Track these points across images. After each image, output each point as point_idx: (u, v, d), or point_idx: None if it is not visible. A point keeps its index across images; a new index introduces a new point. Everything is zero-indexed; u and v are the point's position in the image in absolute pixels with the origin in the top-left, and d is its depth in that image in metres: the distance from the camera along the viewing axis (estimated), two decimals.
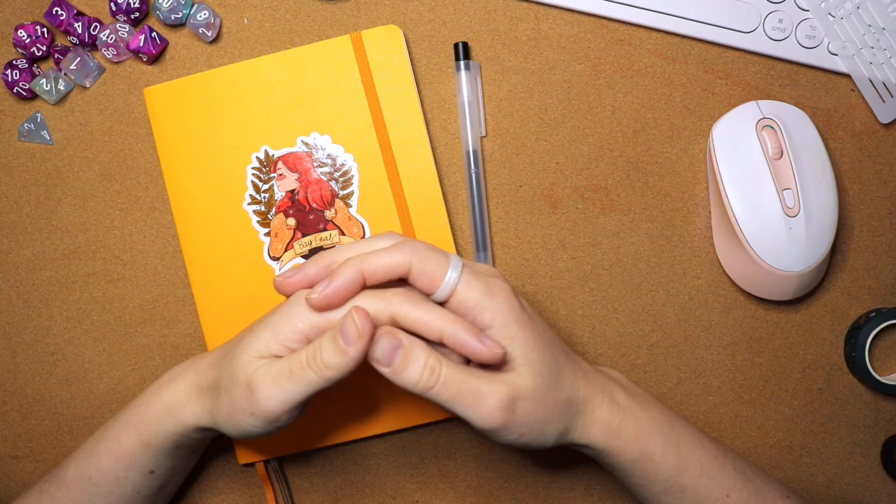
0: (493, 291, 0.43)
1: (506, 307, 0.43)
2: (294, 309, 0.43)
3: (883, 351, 0.57)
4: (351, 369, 0.41)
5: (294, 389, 0.42)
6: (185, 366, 0.48)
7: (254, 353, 0.43)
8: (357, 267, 0.42)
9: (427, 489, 0.57)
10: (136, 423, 0.48)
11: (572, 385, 0.45)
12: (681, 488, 0.47)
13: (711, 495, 0.47)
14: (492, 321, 0.43)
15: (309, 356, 0.42)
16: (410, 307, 0.42)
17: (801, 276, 0.52)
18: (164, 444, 0.47)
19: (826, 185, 0.52)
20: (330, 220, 0.54)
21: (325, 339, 0.41)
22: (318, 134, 0.54)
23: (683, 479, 0.47)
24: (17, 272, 0.57)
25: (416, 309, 0.42)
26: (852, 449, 0.56)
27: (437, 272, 0.42)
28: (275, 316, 0.44)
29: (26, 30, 0.55)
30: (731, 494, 0.48)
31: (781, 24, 0.55)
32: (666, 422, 0.48)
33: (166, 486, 0.51)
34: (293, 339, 0.43)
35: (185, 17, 0.55)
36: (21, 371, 0.57)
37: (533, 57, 0.56)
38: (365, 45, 0.54)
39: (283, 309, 0.44)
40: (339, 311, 0.43)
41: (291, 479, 0.57)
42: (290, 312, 0.43)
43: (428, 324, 0.42)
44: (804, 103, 0.56)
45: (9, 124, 0.57)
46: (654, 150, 0.56)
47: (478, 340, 0.41)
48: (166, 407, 0.47)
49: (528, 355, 0.43)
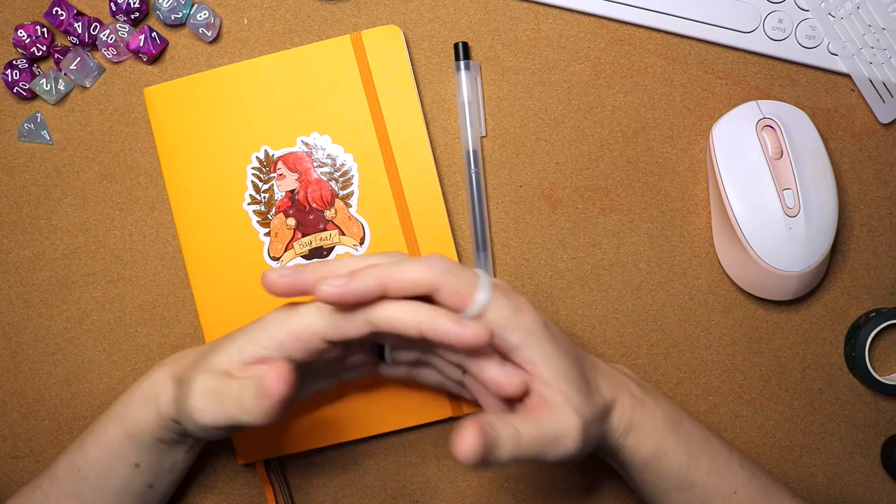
0: (521, 309, 0.42)
1: (535, 326, 0.42)
2: (275, 316, 0.43)
3: (883, 351, 0.57)
4: (264, 422, 0.40)
5: (218, 414, 0.41)
6: (175, 356, 0.48)
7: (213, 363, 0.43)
8: (380, 275, 0.41)
9: (427, 489, 0.57)
10: (120, 412, 0.48)
11: (599, 389, 0.45)
12: (691, 485, 0.47)
13: (720, 491, 0.47)
14: (522, 341, 0.41)
15: (238, 389, 0.41)
16: (383, 307, 0.41)
17: (801, 276, 0.52)
18: (145, 436, 0.47)
19: (826, 185, 0.52)
20: (330, 220, 0.54)
21: (252, 381, 0.41)
22: (318, 134, 0.54)
23: (694, 475, 0.47)
24: (17, 272, 0.57)
25: (390, 307, 0.41)
26: (852, 449, 0.56)
27: (467, 291, 0.41)
28: (257, 323, 0.43)
29: (26, 30, 0.55)
30: (738, 491, 0.48)
31: (781, 24, 0.55)
32: (675, 417, 0.48)
33: (156, 486, 0.50)
34: (268, 346, 0.42)
35: (185, 17, 0.55)
36: (21, 371, 0.57)
37: (533, 57, 0.56)
38: (365, 45, 0.54)
39: (265, 317, 0.44)
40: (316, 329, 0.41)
41: (291, 479, 0.57)
42: (270, 320, 0.43)
43: (404, 320, 0.40)
44: (804, 103, 0.56)
45: (9, 124, 0.57)
46: (654, 150, 0.56)
47: (458, 325, 0.39)
48: (147, 395, 0.47)
49: (566, 375, 0.42)
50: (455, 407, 0.54)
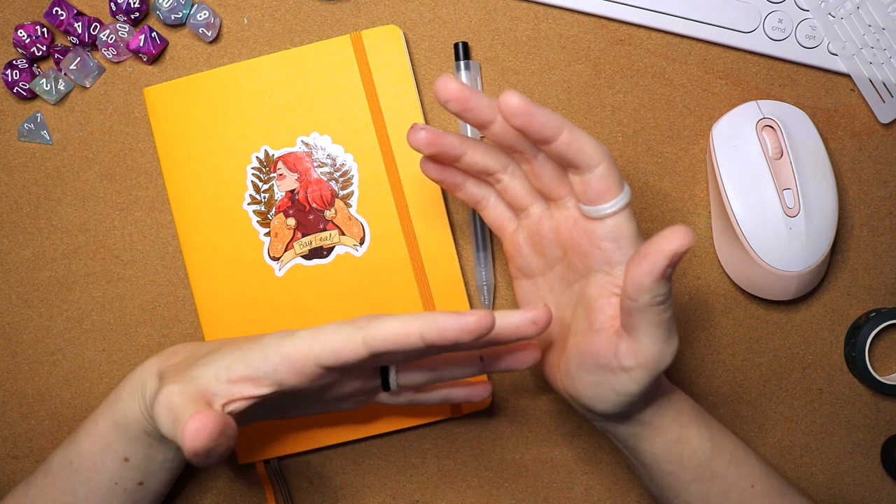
0: (640, 241, 0.42)
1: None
2: (271, 339, 0.41)
3: (883, 351, 0.57)
4: (197, 460, 0.38)
5: (169, 432, 0.40)
6: (169, 350, 0.48)
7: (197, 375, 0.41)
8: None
9: (427, 489, 0.57)
10: (111, 403, 0.47)
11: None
12: (712, 475, 0.46)
13: (739, 484, 0.47)
14: (623, 259, 0.42)
15: (183, 414, 0.39)
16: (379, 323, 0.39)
17: (801, 276, 0.52)
18: (132, 427, 0.46)
19: (826, 185, 0.52)
20: (330, 220, 0.54)
21: (192, 416, 0.39)
22: (318, 134, 0.54)
23: (715, 465, 0.46)
24: (17, 272, 0.57)
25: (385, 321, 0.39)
26: (852, 449, 0.56)
27: (613, 186, 0.41)
28: (253, 341, 0.42)
29: (26, 30, 0.55)
30: (755, 485, 0.47)
31: (781, 24, 0.55)
32: (698, 407, 0.48)
33: (147, 484, 0.49)
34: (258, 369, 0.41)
35: (185, 17, 0.55)
36: (21, 371, 0.57)
37: (533, 57, 0.56)
38: (365, 45, 0.54)
39: (262, 337, 0.42)
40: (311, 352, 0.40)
41: (291, 479, 0.57)
42: (265, 341, 0.41)
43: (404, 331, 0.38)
44: (804, 103, 0.56)
45: (9, 124, 0.57)
46: (654, 150, 0.56)
47: (459, 317, 0.38)
48: (135, 386, 0.46)
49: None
50: (455, 407, 0.54)
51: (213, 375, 0.41)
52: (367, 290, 0.54)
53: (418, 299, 0.54)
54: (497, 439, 0.57)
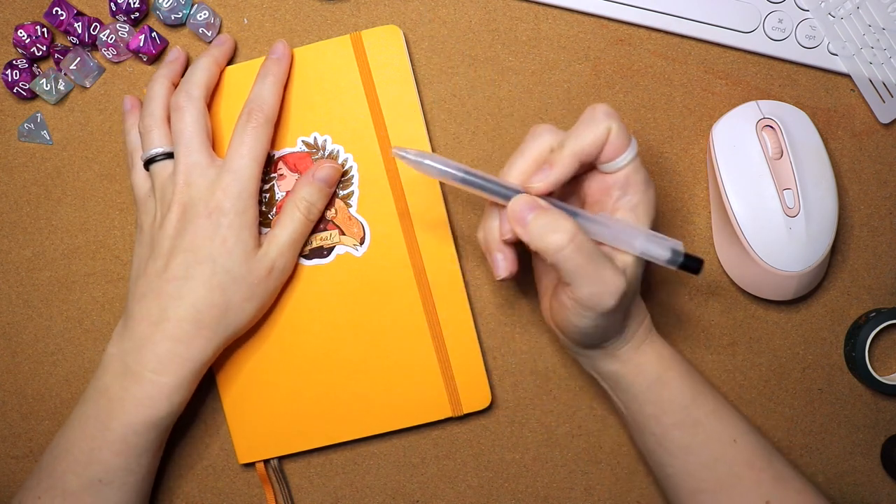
0: (650, 185, 0.46)
1: (651, 206, 0.46)
2: None
3: (883, 351, 0.57)
4: None
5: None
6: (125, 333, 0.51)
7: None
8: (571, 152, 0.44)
9: (427, 489, 0.57)
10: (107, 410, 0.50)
11: (638, 291, 0.48)
12: (693, 422, 0.48)
13: (721, 437, 0.48)
14: (635, 207, 0.45)
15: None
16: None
17: (801, 276, 0.52)
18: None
19: (826, 185, 0.52)
20: (330, 220, 0.54)
21: None
22: (319, 134, 0.54)
23: (697, 413, 0.48)
24: (17, 272, 0.57)
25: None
26: (852, 449, 0.56)
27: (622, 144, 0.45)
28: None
29: (26, 30, 0.55)
30: (737, 440, 0.48)
31: (781, 24, 0.55)
32: (683, 359, 0.50)
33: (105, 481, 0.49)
34: None
35: (185, 17, 0.55)
36: (21, 371, 0.57)
37: (533, 57, 0.56)
38: (365, 45, 0.54)
39: None
40: None
41: (291, 479, 0.57)
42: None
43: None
44: (804, 103, 0.56)
45: (9, 124, 0.57)
46: (654, 150, 0.56)
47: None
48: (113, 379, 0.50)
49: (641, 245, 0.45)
50: (455, 407, 0.54)
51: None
52: (367, 290, 0.54)
53: (418, 299, 0.54)
54: (497, 439, 0.57)
